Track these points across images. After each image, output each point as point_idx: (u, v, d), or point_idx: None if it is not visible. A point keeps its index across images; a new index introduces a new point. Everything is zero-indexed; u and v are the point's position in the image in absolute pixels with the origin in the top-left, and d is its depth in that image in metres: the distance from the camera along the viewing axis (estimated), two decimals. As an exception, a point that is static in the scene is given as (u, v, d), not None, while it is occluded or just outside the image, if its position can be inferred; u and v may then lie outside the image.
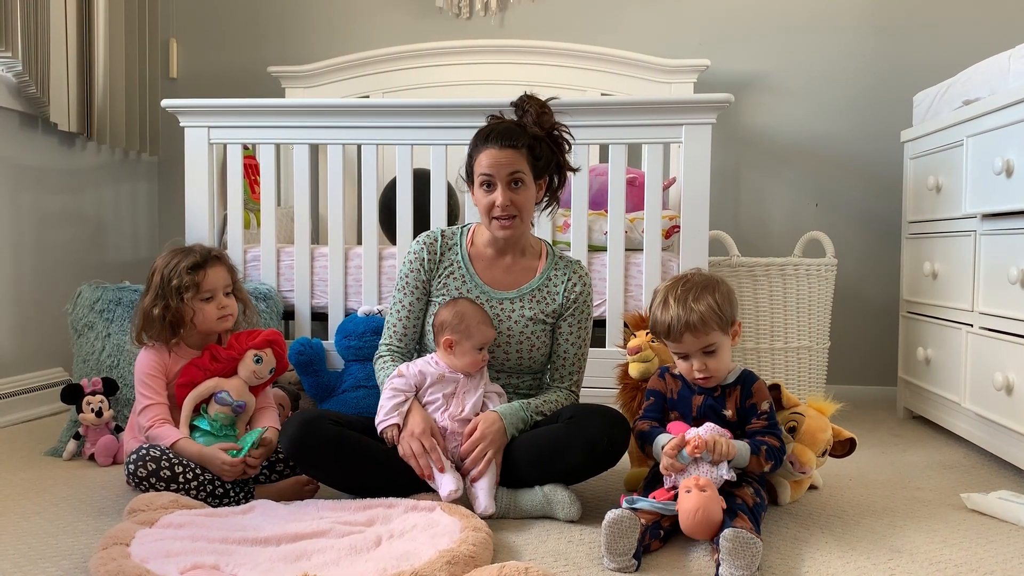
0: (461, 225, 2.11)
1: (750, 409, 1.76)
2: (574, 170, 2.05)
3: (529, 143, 1.92)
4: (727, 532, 1.45)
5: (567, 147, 2.00)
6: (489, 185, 1.90)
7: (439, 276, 2.02)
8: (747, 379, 1.79)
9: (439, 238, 2.04)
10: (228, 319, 2.06)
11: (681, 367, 1.78)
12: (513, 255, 2.03)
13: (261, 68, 3.44)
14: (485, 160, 1.90)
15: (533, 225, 2.11)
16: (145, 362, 2.00)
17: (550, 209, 2.08)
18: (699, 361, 1.73)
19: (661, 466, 1.68)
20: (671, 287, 1.75)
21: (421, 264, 2.02)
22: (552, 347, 2.02)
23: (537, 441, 1.82)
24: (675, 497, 1.61)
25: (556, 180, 2.02)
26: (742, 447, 1.67)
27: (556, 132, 1.98)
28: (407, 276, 2.03)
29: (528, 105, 1.96)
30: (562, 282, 2.01)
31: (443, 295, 2.00)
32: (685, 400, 1.79)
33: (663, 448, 1.67)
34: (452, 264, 2.02)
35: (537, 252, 2.06)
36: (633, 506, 1.60)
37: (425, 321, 2.02)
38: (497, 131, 1.92)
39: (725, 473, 1.62)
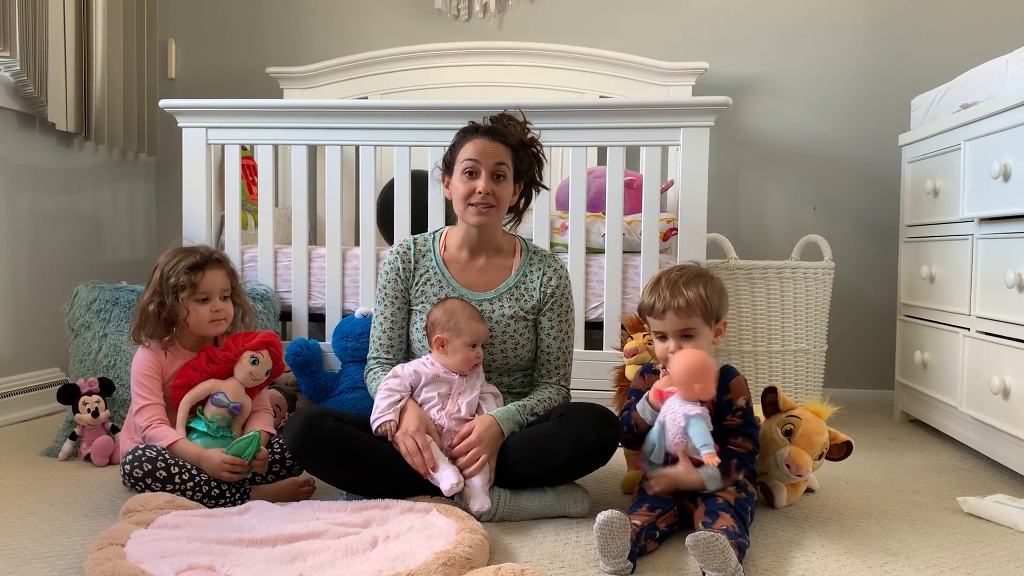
0: (433, 231, 2.13)
1: (726, 404, 1.77)
2: (544, 188, 2.16)
3: (515, 144, 1.99)
4: (688, 540, 1.43)
5: (541, 165, 2.09)
6: (472, 173, 1.94)
7: (416, 284, 2.03)
8: (726, 374, 1.79)
9: (412, 246, 2.06)
10: (222, 323, 2.05)
11: (658, 348, 1.81)
12: (487, 254, 2.04)
13: (259, 69, 3.44)
14: (472, 148, 1.95)
15: (514, 226, 2.16)
16: (141, 362, 2.00)
17: (511, 223, 2.12)
18: (675, 342, 1.76)
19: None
20: (666, 272, 1.83)
21: (397, 274, 2.03)
22: (535, 343, 2.02)
23: (527, 440, 1.82)
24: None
25: (525, 194, 2.09)
26: (711, 475, 1.65)
27: (535, 148, 2.06)
28: (385, 287, 2.04)
29: (508, 120, 2.04)
30: (538, 277, 2.02)
31: (422, 303, 2.01)
32: None
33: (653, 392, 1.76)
34: (428, 271, 2.03)
35: (511, 249, 2.07)
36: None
37: (409, 331, 2.03)
38: (486, 126, 2.01)
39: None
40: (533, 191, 2.10)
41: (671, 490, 1.69)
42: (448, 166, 2.02)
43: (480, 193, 1.93)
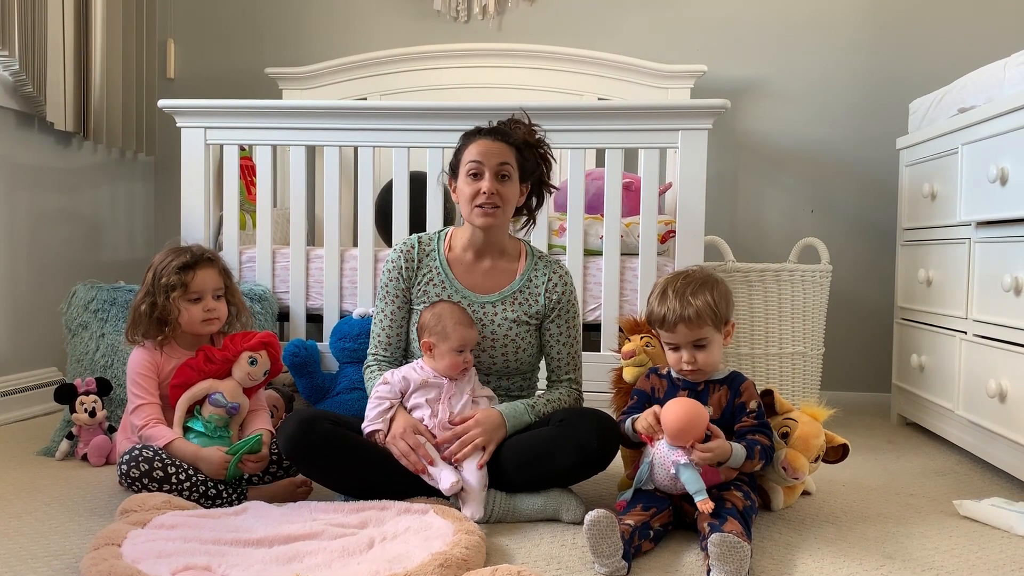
0: (438, 231, 2.12)
1: (739, 408, 1.78)
2: (555, 189, 2.13)
3: (519, 144, 1.98)
4: (714, 537, 1.45)
5: (549, 166, 2.07)
6: (476, 175, 1.93)
7: (419, 284, 2.01)
8: (735, 379, 1.82)
9: (416, 245, 2.04)
10: (214, 323, 2.05)
11: (670, 358, 1.81)
12: (492, 257, 2.03)
13: (259, 69, 3.44)
14: (476, 149, 1.94)
15: (529, 230, 2.15)
16: (137, 361, 2.00)
17: (526, 228, 2.13)
18: (688, 354, 1.77)
19: (637, 424, 1.75)
20: (671, 280, 1.81)
21: (399, 273, 2.02)
22: (544, 350, 2.03)
23: (527, 444, 1.82)
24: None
25: (536, 194, 2.07)
26: (739, 449, 1.70)
27: (542, 149, 2.04)
28: (387, 285, 2.03)
29: (513, 123, 2.03)
30: (543, 282, 2.01)
31: (424, 302, 1.99)
32: (671, 398, 1.80)
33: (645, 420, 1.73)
34: (431, 271, 2.02)
35: (516, 253, 2.06)
36: (630, 493, 1.68)
37: (409, 330, 2.03)
38: (489, 127, 1.99)
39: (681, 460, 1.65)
40: (544, 192, 2.08)
41: (712, 461, 1.67)
42: (454, 170, 2.01)
43: (485, 193, 1.91)
